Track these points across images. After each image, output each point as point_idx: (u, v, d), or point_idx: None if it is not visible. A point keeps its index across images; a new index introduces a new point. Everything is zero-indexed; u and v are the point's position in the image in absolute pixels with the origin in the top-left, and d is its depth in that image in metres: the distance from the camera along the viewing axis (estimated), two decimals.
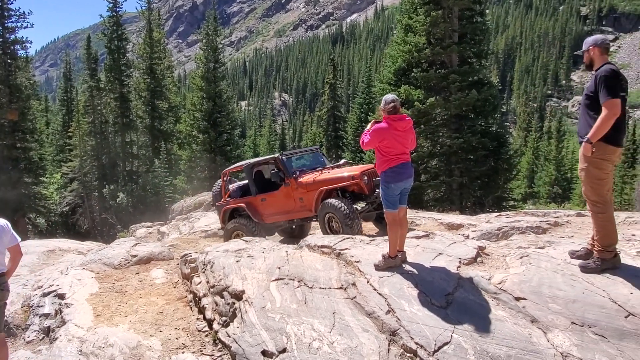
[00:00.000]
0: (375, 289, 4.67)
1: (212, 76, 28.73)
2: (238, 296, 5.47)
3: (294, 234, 10.69)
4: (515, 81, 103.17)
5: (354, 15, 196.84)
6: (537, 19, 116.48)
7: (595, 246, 4.25)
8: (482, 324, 3.92)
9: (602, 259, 4.16)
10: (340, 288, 4.89)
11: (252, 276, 5.71)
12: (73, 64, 45.87)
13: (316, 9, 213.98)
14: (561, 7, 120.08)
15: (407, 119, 5.06)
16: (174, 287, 7.04)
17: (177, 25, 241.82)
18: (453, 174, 17.41)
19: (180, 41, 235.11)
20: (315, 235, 7.05)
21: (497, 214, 9.43)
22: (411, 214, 9.38)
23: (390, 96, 5.08)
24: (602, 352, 3.45)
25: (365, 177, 8.46)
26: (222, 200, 10.31)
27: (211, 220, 14.00)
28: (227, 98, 30.10)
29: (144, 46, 31.13)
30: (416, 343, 3.95)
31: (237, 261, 6.24)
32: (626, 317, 3.63)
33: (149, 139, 31.27)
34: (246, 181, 10.35)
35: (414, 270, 4.82)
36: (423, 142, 17.67)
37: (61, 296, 6.74)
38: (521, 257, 4.70)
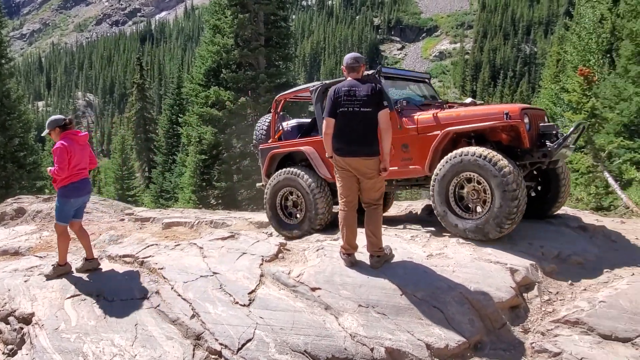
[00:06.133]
0: (179, 295, 4.62)
1: None
2: (27, 320, 4.92)
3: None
4: None
5: (163, 13, 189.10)
6: (338, 26, 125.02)
7: None
8: (282, 317, 4.13)
9: (345, 253, 4.66)
10: (144, 298, 4.73)
11: (44, 296, 5.18)
12: None
13: (121, 4, 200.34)
14: (357, 17, 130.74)
15: (82, 133, 5.25)
16: None
17: None
18: None
19: None
20: (118, 245, 6.66)
21: None
22: (222, 214, 9.38)
23: (56, 115, 5.38)
24: (384, 329, 3.89)
25: (527, 118, 4.96)
26: (271, 141, 7.02)
27: None
28: (17, 98, 26.43)
29: None
30: (221, 344, 4.01)
31: (25, 281, 5.60)
32: (401, 295, 4.16)
33: None
34: (309, 119, 7.22)
35: (219, 271, 4.87)
36: (235, 142, 17.88)
37: None
38: (317, 250, 5.07)
